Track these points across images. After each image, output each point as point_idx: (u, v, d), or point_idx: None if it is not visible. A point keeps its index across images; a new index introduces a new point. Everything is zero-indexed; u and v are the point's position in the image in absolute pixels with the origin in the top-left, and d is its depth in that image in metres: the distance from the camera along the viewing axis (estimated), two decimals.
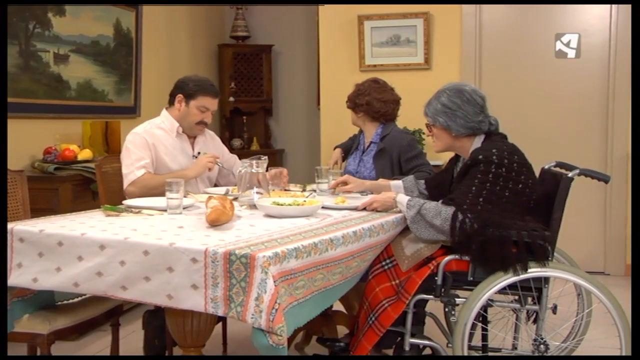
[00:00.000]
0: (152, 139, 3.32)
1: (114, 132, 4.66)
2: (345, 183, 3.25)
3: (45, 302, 2.72)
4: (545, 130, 5.27)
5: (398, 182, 3.24)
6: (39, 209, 3.26)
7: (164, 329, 3.08)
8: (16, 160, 3.93)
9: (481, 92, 2.89)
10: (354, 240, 2.46)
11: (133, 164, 3.23)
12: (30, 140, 4.18)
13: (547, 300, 2.71)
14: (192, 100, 3.37)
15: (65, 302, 2.80)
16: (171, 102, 3.44)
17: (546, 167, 3.09)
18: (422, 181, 3.24)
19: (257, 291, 1.95)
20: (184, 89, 3.39)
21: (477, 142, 2.87)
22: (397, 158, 3.65)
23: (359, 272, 2.65)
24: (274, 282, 1.96)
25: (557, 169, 2.99)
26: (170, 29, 5.80)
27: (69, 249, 2.26)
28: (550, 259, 2.68)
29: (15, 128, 4.04)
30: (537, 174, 2.89)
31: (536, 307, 2.74)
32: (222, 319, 3.36)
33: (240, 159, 3.32)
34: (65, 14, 4.39)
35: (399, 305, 2.73)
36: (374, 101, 3.71)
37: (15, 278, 2.37)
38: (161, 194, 2.97)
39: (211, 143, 3.63)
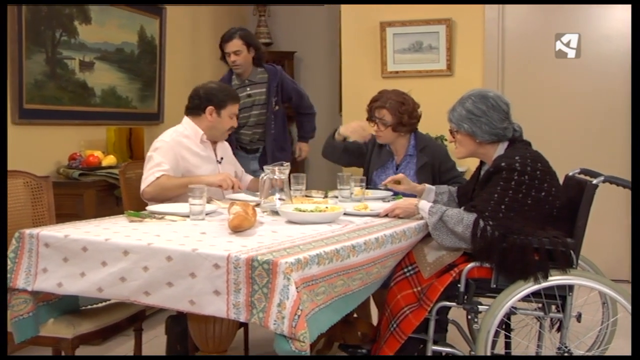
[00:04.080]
0: (179, 147, 3.35)
1: (138, 139, 4.70)
2: (398, 182, 3.24)
3: (70, 306, 2.74)
4: (570, 137, 5.22)
5: (431, 187, 3.23)
6: (64, 215, 3.30)
7: (187, 335, 3.09)
8: (42, 166, 3.99)
9: (505, 98, 2.87)
10: (375, 247, 2.46)
11: (153, 167, 3.26)
12: (56, 146, 4.23)
13: (572, 308, 2.69)
14: (223, 109, 3.44)
15: (89, 307, 2.82)
16: (194, 112, 3.47)
17: (570, 173, 3.07)
18: (456, 188, 3.24)
19: (279, 297, 1.95)
20: (214, 101, 3.44)
21: (501, 149, 2.85)
22: (438, 168, 3.63)
23: (379, 279, 2.64)
24: (296, 288, 1.97)
25: (582, 176, 2.96)
26: (194, 36, 5.84)
27: (93, 254, 2.29)
28: (574, 266, 2.66)
29: (42, 134, 4.10)
30: (561, 180, 2.87)
31: (560, 315, 2.71)
32: (244, 325, 3.37)
33: (262, 165, 3.36)
34: (91, 22, 4.44)
35: (420, 312, 2.72)
36: (420, 113, 3.67)
37: (41, 283, 2.40)
38: (176, 196, 2.98)
39: (229, 150, 3.74)
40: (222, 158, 3.55)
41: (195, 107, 3.48)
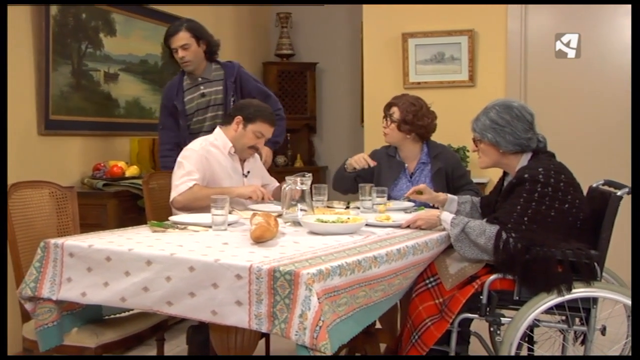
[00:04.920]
0: (207, 157, 3.37)
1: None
2: (420, 192, 3.24)
3: (94, 316, 2.77)
4: (594, 148, 5.17)
5: (453, 196, 3.22)
6: (88, 224, 3.34)
7: (208, 345, 3.10)
8: (67, 176, 4.03)
9: (530, 108, 2.86)
10: (397, 258, 2.45)
11: (185, 176, 3.27)
12: (81, 157, 4.28)
13: (596, 321, 2.66)
14: (251, 124, 3.41)
15: (112, 316, 2.84)
16: (225, 122, 3.49)
17: (594, 185, 3.04)
18: (478, 199, 3.23)
19: (301, 308, 1.96)
20: (244, 112, 3.44)
21: (524, 159, 2.84)
22: (451, 174, 3.62)
23: (401, 290, 2.64)
24: (318, 299, 1.97)
25: (606, 187, 2.93)
26: None
27: (116, 264, 2.31)
28: (598, 279, 2.63)
29: (67, 145, 4.15)
30: (585, 192, 2.84)
31: (584, 328, 2.68)
32: (266, 335, 3.37)
33: (284, 176, 3.36)
34: (116, 34, 4.50)
35: (442, 324, 2.71)
36: (432, 121, 3.65)
37: (65, 292, 2.42)
38: (206, 206, 3.00)
39: (258, 164, 3.70)
40: (248, 172, 3.56)
41: (228, 115, 3.53)
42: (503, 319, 2.71)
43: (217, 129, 3.51)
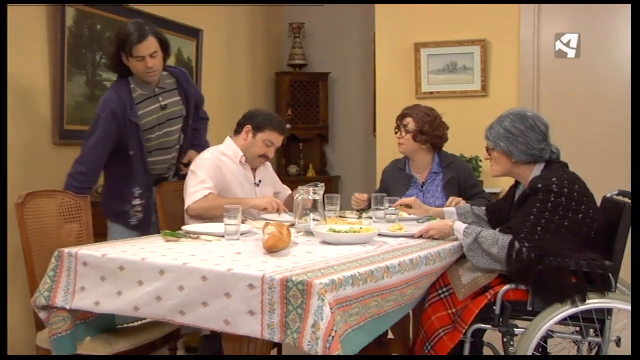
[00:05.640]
0: (220, 166, 3.38)
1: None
2: (409, 206, 3.23)
3: (107, 325, 2.78)
4: (608, 158, 5.14)
5: (451, 209, 3.21)
6: (101, 234, 3.35)
7: (221, 354, 3.10)
8: None
9: (545, 119, 2.85)
10: (410, 268, 2.45)
11: (199, 184, 3.28)
12: None
13: (611, 332, 2.64)
14: (260, 133, 3.43)
15: (125, 325, 2.85)
16: (236, 131, 3.51)
17: (608, 195, 3.02)
18: (483, 208, 3.22)
19: (313, 318, 1.96)
20: (254, 121, 3.45)
21: (537, 170, 2.83)
22: (464, 184, 3.64)
23: (413, 300, 2.63)
24: (331, 309, 1.97)
25: (620, 198, 2.92)
26: (230, 58, 5.91)
27: (130, 274, 2.32)
28: (613, 289, 2.61)
29: None
30: (599, 202, 2.83)
31: (599, 340, 2.66)
32: (278, 345, 3.37)
33: (296, 185, 3.36)
34: None
35: (455, 335, 2.70)
36: (446, 132, 3.68)
37: (79, 301, 2.44)
38: (220, 215, 3.02)
39: (269, 172, 3.71)
40: (260, 181, 3.57)
41: (238, 124, 3.52)
42: (517, 330, 2.70)
43: (228, 139, 3.52)
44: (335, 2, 6.65)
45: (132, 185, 3.44)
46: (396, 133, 3.72)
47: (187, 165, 3.60)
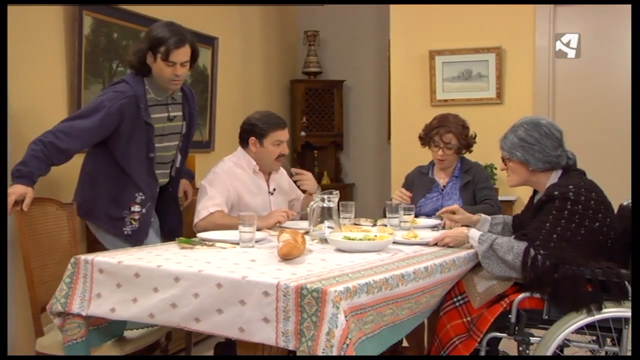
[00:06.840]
0: (232, 179, 3.40)
1: (189, 166, 4.76)
2: (453, 212, 3.24)
3: (118, 331, 2.79)
4: (626, 165, 5.09)
5: (486, 217, 3.19)
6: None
7: None
8: None
9: (558, 125, 2.85)
10: (425, 276, 2.44)
11: (207, 201, 3.30)
12: None
13: (628, 341, 2.61)
14: (265, 138, 3.43)
15: (134, 330, 2.85)
16: (242, 144, 3.51)
17: (625, 203, 3.00)
18: (511, 217, 3.22)
19: (328, 326, 1.96)
20: (255, 131, 3.45)
21: (554, 177, 2.82)
22: (475, 185, 3.69)
23: (428, 308, 2.62)
24: (345, 317, 1.96)
25: None
26: (245, 65, 5.94)
27: (145, 281, 2.33)
28: (629, 298, 2.59)
29: None
30: (616, 210, 2.80)
31: (616, 349, 2.64)
32: (293, 352, 3.37)
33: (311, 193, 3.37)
34: None
35: (470, 343, 2.68)
36: (473, 138, 3.77)
37: (95, 308, 2.45)
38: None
39: (284, 178, 3.70)
40: (274, 189, 3.58)
41: (242, 139, 3.52)
42: (532, 339, 2.68)
43: (239, 150, 3.53)
44: (348, 2, 6.66)
45: (133, 190, 3.21)
46: (425, 145, 3.78)
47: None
